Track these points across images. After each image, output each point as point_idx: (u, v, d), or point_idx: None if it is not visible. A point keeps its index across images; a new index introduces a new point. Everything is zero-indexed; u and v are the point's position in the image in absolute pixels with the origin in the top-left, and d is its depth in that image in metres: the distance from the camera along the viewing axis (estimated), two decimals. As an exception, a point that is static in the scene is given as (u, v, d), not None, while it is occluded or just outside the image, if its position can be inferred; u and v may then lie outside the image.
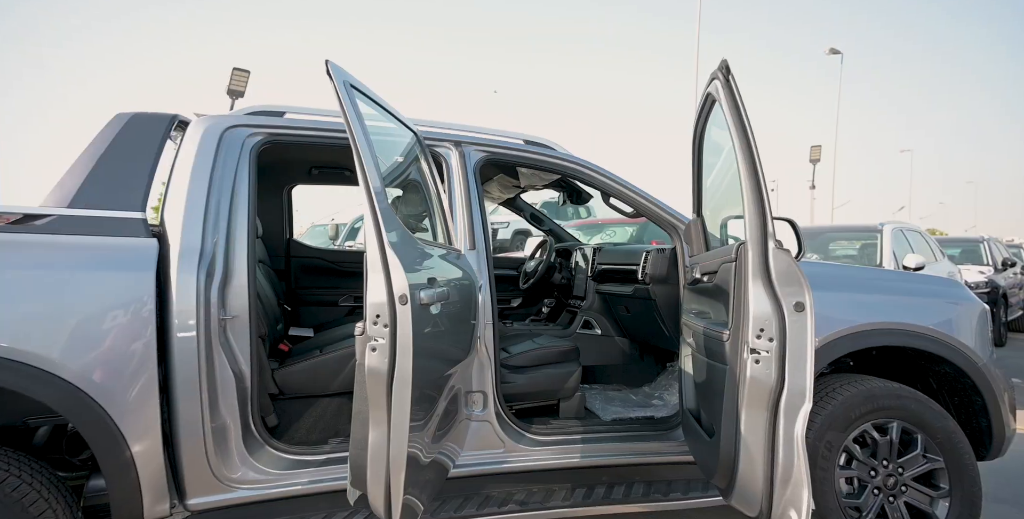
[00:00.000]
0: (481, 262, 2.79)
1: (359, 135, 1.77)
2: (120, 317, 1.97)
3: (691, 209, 2.87)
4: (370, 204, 1.73)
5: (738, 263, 1.91)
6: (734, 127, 1.84)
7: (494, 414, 2.79)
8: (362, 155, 1.75)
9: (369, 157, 1.79)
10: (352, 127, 1.77)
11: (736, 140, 1.84)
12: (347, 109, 1.78)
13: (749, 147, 1.81)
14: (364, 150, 1.77)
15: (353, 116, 1.79)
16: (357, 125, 1.80)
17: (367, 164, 1.76)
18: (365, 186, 1.75)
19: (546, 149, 3.12)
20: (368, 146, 1.81)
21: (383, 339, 1.73)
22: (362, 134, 1.79)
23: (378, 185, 1.78)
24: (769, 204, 1.80)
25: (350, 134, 1.76)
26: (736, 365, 1.90)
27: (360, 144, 1.76)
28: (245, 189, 2.38)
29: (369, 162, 1.78)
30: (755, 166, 1.80)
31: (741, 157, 1.83)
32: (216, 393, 2.17)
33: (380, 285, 1.73)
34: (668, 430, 3.00)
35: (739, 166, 1.84)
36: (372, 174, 1.76)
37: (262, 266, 3.58)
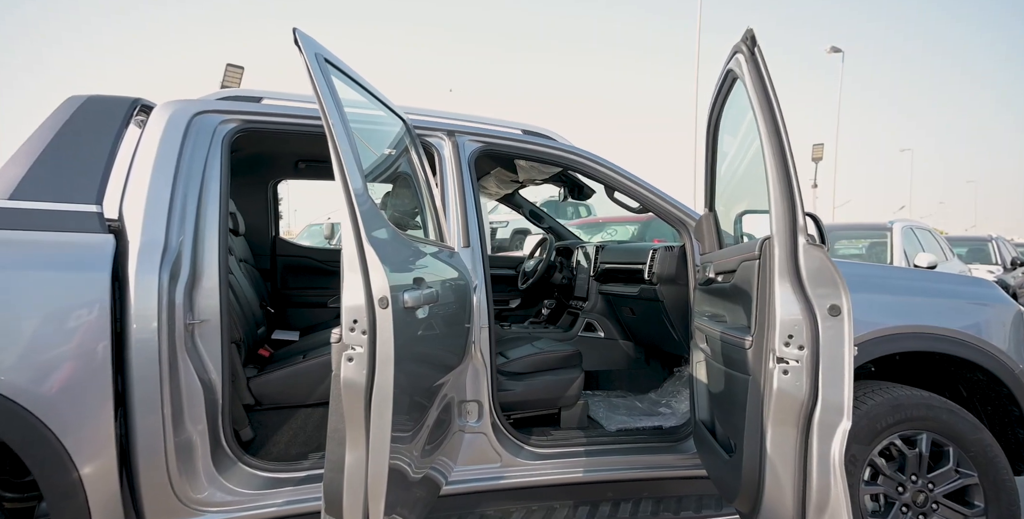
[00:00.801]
0: (476, 261, 2.59)
1: (332, 112, 1.56)
2: (68, 322, 1.76)
3: (701, 204, 2.66)
4: (346, 194, 1.52)
5: (762, 261, 1.70)
6: (760, 107, 1.62)
7: (490, 425, 2.59)
8: (336, 137, 1.54)
9: (344, 139, 1.58)
10: (324, 104, 1.55)
11: (762, 122, 1.63)
12: (318, 84, 1.56)
13: (777, 129, 1.60)
14: (338, 130, 1.56)
15: (325, 92, 1.58)
16: (330, 102, 1.58)
17: (342, 147, 1.55)
18: (340, 173, 1.53)
19: (546, 140, 2.92)
20: (343, 126, 1.60)
21: (361, 348, 1.52)
22: (335, 111, 1.58)
23: (355, 172, 1.57)
24: (800, 194, 1.59)
25: (322, 112, 1.55)
26: (760, 375, 1.69)
27: (333, 124, 1.55)
28: (217, 181, 2.17)
29: (344, 144, 1.56)
30: (784, 151, 1.59)
31: (768, 141, 1.62)
32: (181, 405, 1.96)
33: (357, 286, 1.52)
34: (678, 441, 2.79)
35: (765, 151, 1.63)
36: (348, 159, 1.55)
37: (244, 265, 3.37)
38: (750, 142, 1.84)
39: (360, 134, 2.42)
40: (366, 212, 1.56)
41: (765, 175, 1.65)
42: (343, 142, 1.56)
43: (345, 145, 1.56)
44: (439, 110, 2.83)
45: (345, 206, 1.52)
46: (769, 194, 1.65)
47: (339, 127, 1.57)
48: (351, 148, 1.59)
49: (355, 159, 1.59)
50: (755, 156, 1.83)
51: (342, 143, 1.55)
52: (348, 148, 1.57)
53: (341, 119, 1.60)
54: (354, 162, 1.58)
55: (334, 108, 1.58)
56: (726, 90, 2.01)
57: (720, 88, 2.04)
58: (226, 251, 2.15)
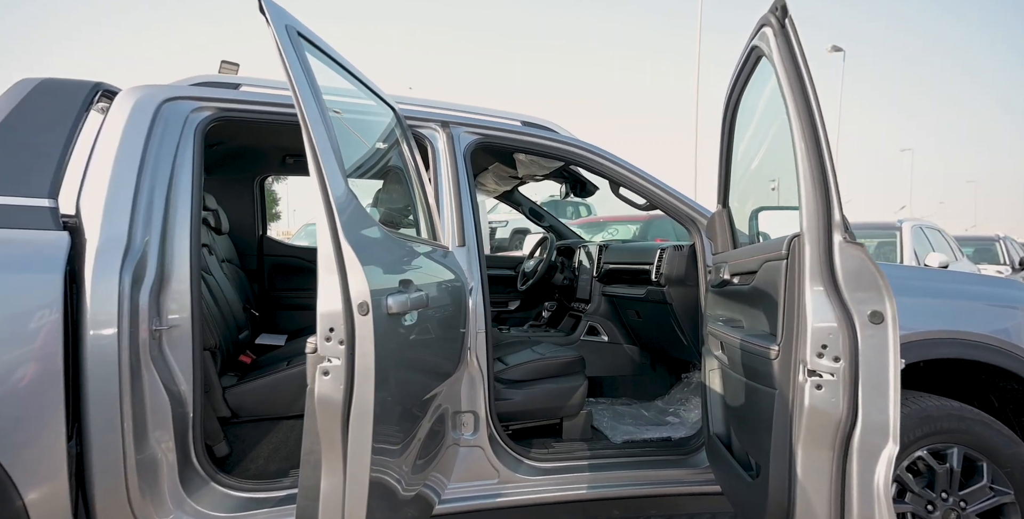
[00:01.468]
0: (472, 261, 2.40)
1: (303, 90, 1.37)
2: (14, 329, 1.57)
3: (715, 199, 2.47)
4: (320, 184, 1.34)
5: (790, 261, 1.52)
6: (791, 87, 1.44)
7: (486, 437, 2.41)
8: (308, 119, 1.36)
9: (318, 121, 1.39)
10: (295, 82, 1.37)
11: (793, 104, 1.44)
12: (287, 60, 1.37)
13: (811, 113, 1.42)
14: (311, 111, 1.37)
15: (296, 68, 1.39)
16: (302, 80, 1.39)
17: (315, 130, 1.36)
18: (313, 161, 1.35)
19: (547, 132, 2.73)
20: (317, 107, 1.41)
21: (338, 360, 1.33)
22: (308, 89, 1.39)
23: (331, 159, 1.38)
24: (836, 186, 1.40)
25: (293, 91, 1.36)
26: (788, 390, 1.50)
27: (305, 103, 1.36)
28: (189, 174, 1.99)
29: (318, 127, 1.38)
30: (818, 138, 1.41)
31: (799, 126, 1.44)
32: (144, 420, 1.77)
33: (334, 290, 1.34)
34: (688, 454, 2.61)
35: (795, 138, 1.45)
36: (322, 143, 1.37)
37: (227, 266, 3.18)
38: (775, 129, 1.65)
39: (344, 123, 2.24)
40: (344, 205, 1.37)
41: (795, 165, 1.46)
42: (316, 124, 1.37)
43: (319, 128, 1.38)
44: (432, 99, 2.64)
45: (320, 198, 1.34)
46: (799, 186, 1.46)
47: (312, 107, 1.38)
48: (326, 131, 1.40)
49: (331, 144, 1.41)
50: (779, 144, 1.65)
51: (315, 126, 1.36)
52: (323, 131, 1.39)
53: (315, 98, 1.41)
54: (330, 148, 1.39)
55: (306, 86, 1.40)
56: (748, 70, 1.82)
57: (741, 68, 1.85)
58: (198, 251, 1.97)
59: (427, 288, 1.82)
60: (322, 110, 1.43)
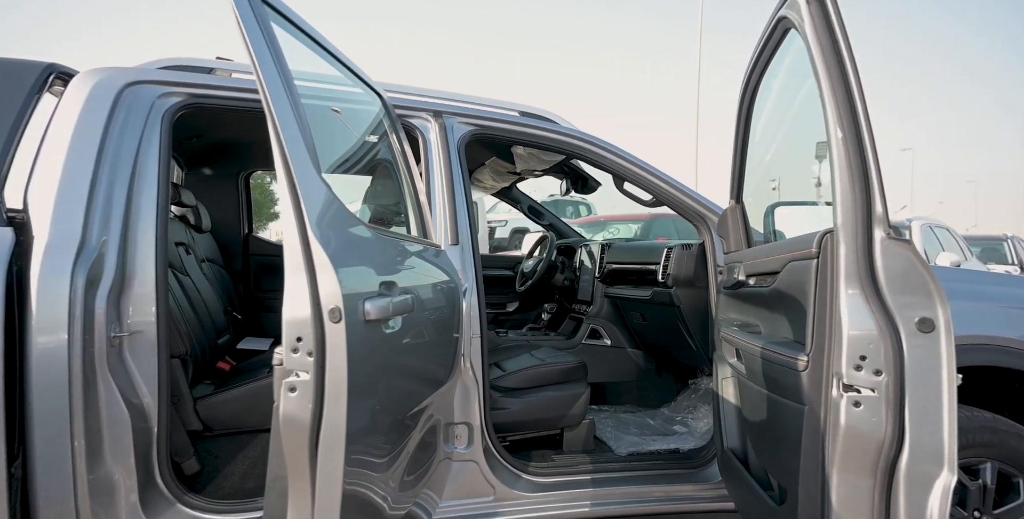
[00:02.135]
0: (466, 260, 2.23)
1: (265, 63, 1.20)
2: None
3: (728, 194, 2.29)
4: (285, 171, 1.16)
5: (821, 260, 1.34)
6: (825, 62, 1.25)
7: (481, 451, 2.23)
8: (270, 96, 1.18)
9: (282, 96, 1.21)
10: (254, 54, 1.19)
11: (828, 82, 1.26)
12: (246, 28, 1.19)
13: (849, 92, 1.24)
14: (273, 86, 1.19)
15: (257, 38, 1.21)
16: (264, 51, 1.21)
17: (278, 108, 1.18)
18: (277, 144, 1.17)
19: (547, 123, 2.56)
20: (281, 81, 1.23)
21: (306, 374, 1.16)
22: (271, 62, 1.21)
23: (297, 143, 1.21)
24: (879, 175, 1.23)
25: (253, 65, 1.18)
26: (820, 406, 1.33)
27: (267, 77, 1.18)
28: (154, 166, 1.81)
29: (282, 104, 1.20)
30: (857, 119, 1.23)
31: (835, 106, 1.26)
32: (99, 437, 1.60)
33: (301, 294, 1.16)
34: (698, 468, 2.44)
35: (830, 120, 1.27)
36: (287, 125, 1.19)
37: (209, 266, 3.01)
38: (802, 113, 1.48)
39: (325, 112, 2.07)
40: (314, 197, 1.20)
41: (829, 152, 1.29)
42: (280, 102, 1.20)
43: (284, 106, 1.20)
44: (424, 87, 2.47)
45: (285, 188, 1.16)
46: (834, 176, 1.28)
47: (275, 82, 1.21)
48: (293, 111, 1.23)
49: (299, 126, 1.23)
50: (805, 131, 1.47)
51: (279, 103, 1.19)
52: (288, 110, 1.21)
53: (279, 72, 1.23)
54: (297, 131, 1.22)
55: (269, 59, 1.22)
56: (773, 45, 1.63)
57: (764, 43, 1.66)
58: (164, 250, 1.79)
59: (414, 290, 1.65)
60: (288, 86, 1.25)
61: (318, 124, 2.10)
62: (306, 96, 1.98)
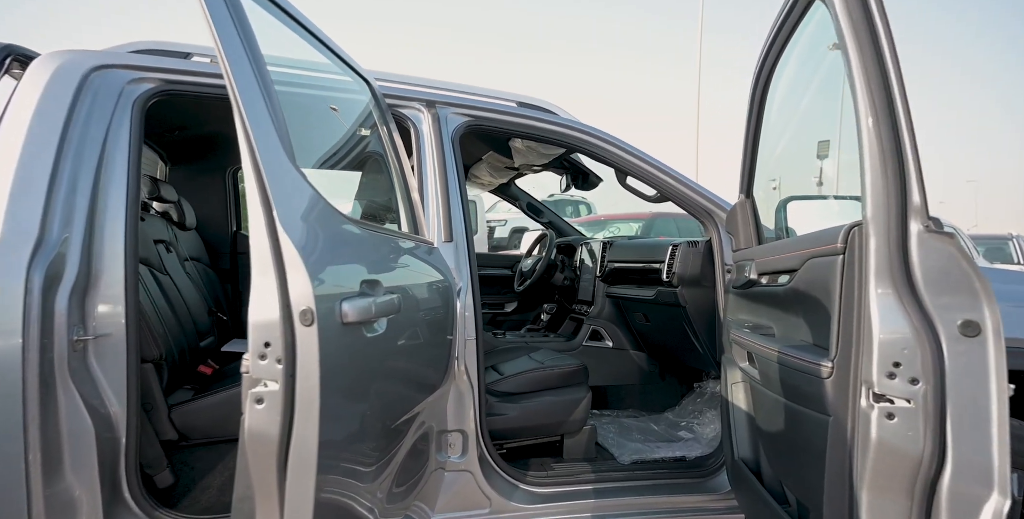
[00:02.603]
0: (461, 258, 2.11)
1: (227, 35, 1.07)
2: None
3: (737, 188, 2.17)
4: (250, 155, 1.03)
5: (848, 256, 1.22)
6: (855, 33, 1.12)
7: (476, 460, 2.11)
8: (233, 75, 1.05)
9: (247, 71, 1.08)
10: (213, 24, 1.06)
11: (858, 55, 1.13)
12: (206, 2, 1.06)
13: (882, 66, 1.11)
14: (237, 61, 1.07)
15: (221, 11, 1.08)
16: (228, 25, 1.08)
17: (240, 84, 1.05)
18: (242, 129, 1.04)
19: (546, 114, 2.43)
20: (247, 55, 1.10)
21: (275, 383, 1.03)
22: (235, 34, 1.09)
23: (266, 129, 1.08)
24: (917, 161, 1.10)
25: (213, 37, 1.06)
26: (847, 417, 1.20)
27: (229, 51, 1.06)
28: (124, 157, 1.68)
29: (246, 80, 1.07)
30: (891, 98, 1.10)
31: (865, 82, 1.13)
32: (59, 449, 1.47)
33: (269, 295, 1.03)
34: (706, 477, 2.31)
35: (860, 99, 1.14)
36: (252, 104, 1.06)
37: (193, 264, 2.88)
38: (825, 96, 1.35)
39: (307, 100, 1.94)
40: (283, 186, 1.07)
41: (858, 135, 1.16)
42: (245, 81, 1.07)
43: (249, 85, 1.07)
44: (416, 76, 2.34)
45: (250, 174, 1.03)
46: (863, 161, 1.16)
47: (240, 60, 1.08)
48: (261, 92, 1.10)
49: (267, 108, 1.10)
50: (828, 115, 1.35)
51: (243, 82, 1.06)
52: (255, 90, 1.08)
53: (246, 50, 1.10)
54: (265, 112, 1.09)
55: (234, 33, 1.09)
56: (794, 21, 1.50)
57: (784, 19, 1.52)
58: (135, 247, 1.67)
59: (402, 290, 1.52)
60: (255, 66, 1.12)
61: (299, 113, 1.97)
62: (285, 82, 1.85)
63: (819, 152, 4.10)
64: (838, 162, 2.59)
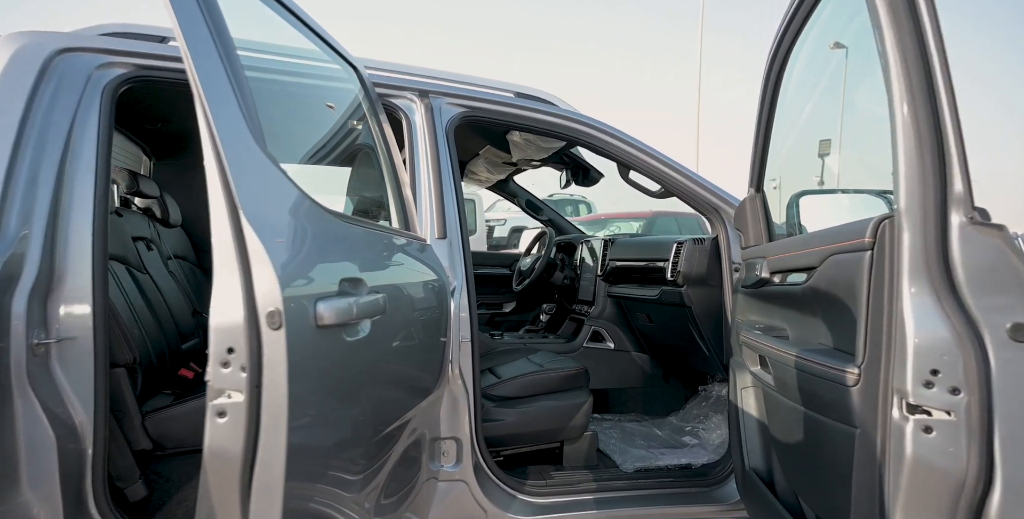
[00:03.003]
0: (455, 255, 1.99)
1: (185, 7, 0.95)
2: None
3: (747, 182, 2.05)
4: (210, 139, 0.92)
5: (878, 252, 1.10)
6: (889, 4, 1.01)
7: (471, 469, 2.00)
8: (189, 47, 0.93)
9: (209, 52, 0.97)
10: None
11: (892, 28, 1.02)
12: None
13: (919, 33, 1.00)
14: (195, 39, 0.95)
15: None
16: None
17: (198, 63, 0.94)
18: (200, 108, 0.93)
19: (545, 105, 2.32)
20: (211, 36, 0.99)
21: (239, 394, 0.91)
22: (194, 6, 0.97)
23: (225, 102, 0.96)
24: (961, 144, 0.98)
25: (170, 11, 0.94)
26: (876, 430, 1.09)
27: (184, 24, 0.94)
28: (92, 148, 1.57)
29: (206, 60, 0.96)
30: (931, 68, 0.99)
31: (898, 52, 1.01)
32: (14, 460, 1.36)
33: (232, 295, 0.92)
34: (714, 485, 2.20)
35: (893, 71, 1.03)
36: (212, 81, 0.95)
37: (179, 263, 2.76)
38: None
39: (288, 88, 1.83)
40: (247, 169, 0.95)
41: (890, 116, 1.04)
42: (204, 57, 0.95)
43: (210, 61, 0.96)
44: (408, 65, 2.22)
45: (210, 156, 0.92)
46: (895, 145, 1.04)
47: (199, 34, 0.96)
48: (224, 68, 0.98)
49: (231, 85, 0.99)
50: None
51: (201, 57, 0.94)
52: (216, 65, 0.97)
53: (207, 23, 0.99)
54: (228, 88, 0.98)
55: (193, 4, 0.97)
56: (810, 5, 1.38)
57: (799, 3, 1.40)
58: (104, 244, 1.55)
59: (389, 289, 1.41)
60: (218, 38, 1.01)
61: (278, 101, 1.85)
62: (261, 68, 1.74)
63: (820, 151, 3.99)
64: (839, 160, 2.48)
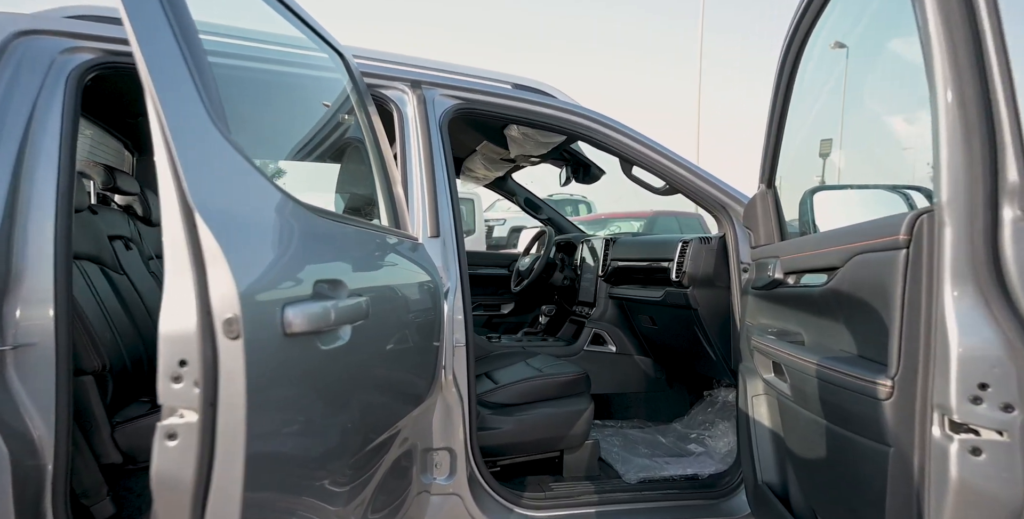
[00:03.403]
0: (449, 255, 1.88)
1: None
2: None
3: (758, 178, 1.94)
4: (159, 124, 0.80)
5: (915, 250, 0.99)
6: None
7: (466, 481, 1.88)
8: (131, 22, 0.82)
9: (159, 23, 0.85)
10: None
11: (937, 1, 0.90)
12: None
13: (971, 15, 0.88)
14: (139, 12, 0.83)
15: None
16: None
17: (140, 35, 0.82)
18: (147, 85, 0.81)
19: (545, 97, 2.21)
20: (162, 8, 0.87)
21: (191, 414, 0.80)
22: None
23: (176, 76, 0.85)
24: (1017, 127, 0.87)
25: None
26: (914, 450, 0.97)
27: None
28: (55, 140, 1.45)
29: (151, 31, 0.84)
30: (981, 42, 0.88)
31: (947, 29, 0.90)
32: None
33: (185, 299, 0.80)
34: (722, 498, 2.09)
35: (935, 47, 0.91)
36: (155, 49, 0.83)
37: (160, 263, 2.64)
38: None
39: (266, 76, 1.72)
40: (200, 155, 0.84)
41: (931, 96, 0.93)
42: (149, 28, 0.83)
43: (158, 33, 0.84)
44: (400, 54, 2.11)
45: (158, 138, 0.80)
46: (937, 131, 0.93)
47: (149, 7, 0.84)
48: (175, 39, 0.87)
49: (183, 58, 0.87)
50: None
51: (144, 28, 0.83)
52: (166, 35, 0.85)
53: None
54: (180, 59, 0.86)
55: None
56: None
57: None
58: (68, 244, 1.44)
59: (374, 292, 1.30)
60: (170, 4, 0.89)
61: (255, 90, 1.74)
62: (237, 55, 1.62)
63: (821, 151, 3.87)
64: (843, 158, 2.38)
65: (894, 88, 2.47)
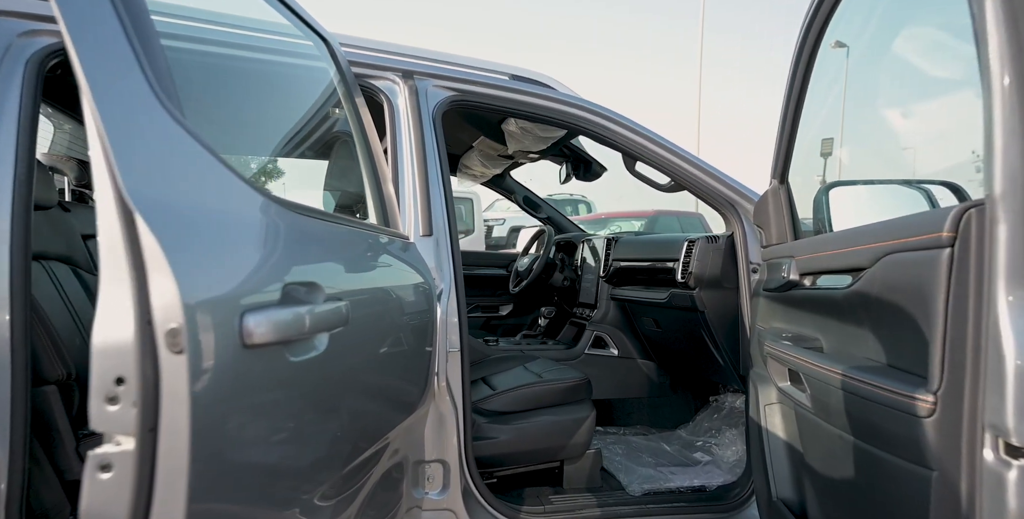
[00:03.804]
0: (442, 255, 1.77)
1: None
2: None
3: (770, 173, 1.82)
4: (89, 103, 0.68)
5: (961, 249, 0.88)
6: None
7: (460, 495, 1.77)
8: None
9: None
10: None
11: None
12: None
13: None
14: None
15: None
16: None
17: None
18: (82, 75, 0.69)
19: (544, 89, 2.09)
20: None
21: (128, 441, 0.68)
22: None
23: (111, 41, 0.73)
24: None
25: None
26: (961, 475, 0.86)
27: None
28: (11, 131, 1.33)
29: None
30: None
31: (1010, 13, 0.79)
32: None
33: (122, 307, 0.69)
34: (732, 511, 1.98)
35: (991, 24, 0.80)
36: (86, 22, 0.72)
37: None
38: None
39: (240, 63, 1.60)
40: (137, 137, 0.72)
41: (983, 81, 0.82)
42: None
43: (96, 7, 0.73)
44: (390, 42, 2.00)
45: (89, 121, 0.69)
46: (992, 120, 0.81)
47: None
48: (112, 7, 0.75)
49: (121, 22, 0.75)
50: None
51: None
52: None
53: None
54: (116, 24, 0.74)
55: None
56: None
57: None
58: (25, 241, 1.32)
59: (356, 295, 1.18)
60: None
61: (224, 77, 1.62)
62: (208, 41, 1.51)
63: (822, 150, 3.74)
64: (847, 155, 2.27)
65: (895, 88, 2.37)
